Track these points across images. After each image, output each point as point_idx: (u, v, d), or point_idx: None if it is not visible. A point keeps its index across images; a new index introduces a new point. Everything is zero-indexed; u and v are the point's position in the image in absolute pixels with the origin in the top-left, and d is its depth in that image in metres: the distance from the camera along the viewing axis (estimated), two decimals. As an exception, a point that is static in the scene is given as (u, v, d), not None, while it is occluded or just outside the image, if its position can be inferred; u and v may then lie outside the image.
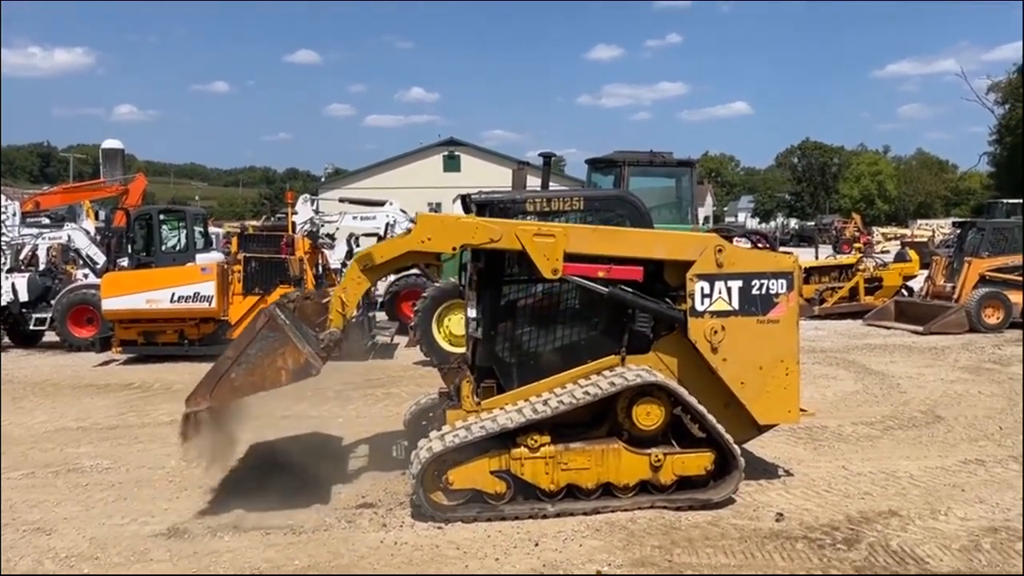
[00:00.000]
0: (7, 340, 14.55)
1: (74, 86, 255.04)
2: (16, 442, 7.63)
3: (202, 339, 12.47)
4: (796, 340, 5.88)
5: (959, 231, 17.71)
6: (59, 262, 17.67)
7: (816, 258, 22.07)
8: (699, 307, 5.70)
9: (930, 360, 11.67)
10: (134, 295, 12.14)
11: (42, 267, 16.52)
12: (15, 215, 17.41)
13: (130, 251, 15.33)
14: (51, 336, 14.25)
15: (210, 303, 12.22)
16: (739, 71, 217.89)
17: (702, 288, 5.70)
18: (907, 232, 50.92)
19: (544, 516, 5.32)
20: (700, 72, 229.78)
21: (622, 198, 6.36)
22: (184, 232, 16.24)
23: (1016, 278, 14.75)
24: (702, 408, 5.52)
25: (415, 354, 11.89)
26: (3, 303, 14.12)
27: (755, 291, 5.75)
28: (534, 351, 5.90)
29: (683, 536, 5.05)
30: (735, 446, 5.52)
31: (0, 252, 15.22)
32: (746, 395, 5.78)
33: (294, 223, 16.25)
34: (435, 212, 14.89)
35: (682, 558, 4.74)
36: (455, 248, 5.67)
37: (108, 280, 12.63)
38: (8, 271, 14.84)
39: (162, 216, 16.31)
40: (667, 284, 5.86)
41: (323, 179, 66.27)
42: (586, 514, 5.35)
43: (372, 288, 13.25)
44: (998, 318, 14.43)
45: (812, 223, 59.40)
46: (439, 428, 5.61)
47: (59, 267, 17.03)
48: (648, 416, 5.52)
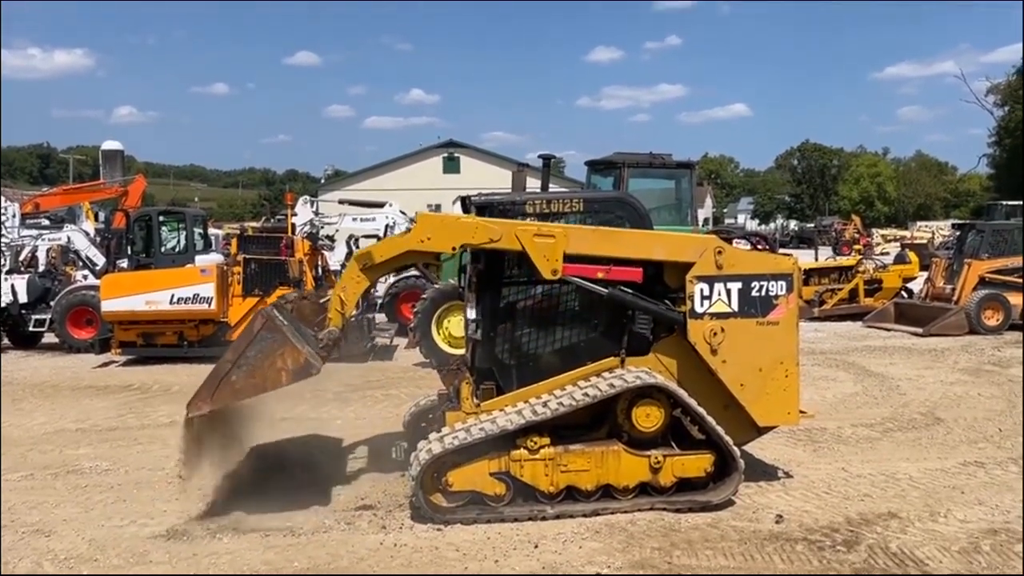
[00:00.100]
0: (7, 341, 14.55)
1: (74, 87, 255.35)
2: (15, 444, 7.62)
3: (201, 341, 12.47)
4: (796, 342, 5.88)
5: (958, 233, 17.73)
6: (59, 263, 17.64)
7: (816, 260, 22.08)
8: (699, 309, 5.70)
9: (930, 362, 11.67)
10: (133, 296, 12.14)
11: (42, 268, 16.50)
12: (15, 216, 17.47)
13: (129, 252, 15.33)
14: (50, 337, 14.23)
15: (209, 305, 12.22)
16: (738, 73, 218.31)
17: (702, 290, 5.70)
18: (907, 234, 50.99)
19: (543, 518, 5.32)
20: (699, 74, 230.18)
21: (622, 200, 6.35)
22: (184, 233, 16.28)
23: (1015, 280, 14.76)
24: (702, 410, 5.52)
25: (414, 356, 11.89)
26: (3, 304, 14.09)
27: (755, 293, 5.75)
28: (534, 353, 5.89)
29: (683, 538, 5.04)
30: (735, 448, 5.52)
31: (0, 253, 15.23)
32: (746, 397, 5.77)
33: (294, 225, 16.27)
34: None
35: (682, 560, 4.74)
36: (455, 248, 5.66)
37: (107, 281, 12.61)
38: (8, 272, 14.83)
39: (161, 217, 16.35)
40: (667, 286, 5.86)
41: (323, 181, 66.32)
42: (586, 516, 5.35)
43: (372, 289, 13.36)
44: (998, 320, 14.44)
45: (812, 225, 59.57)
46: (438, 430, 5.60)
47: (59, 268, 17.01)
48: (648, 418, 5.52)
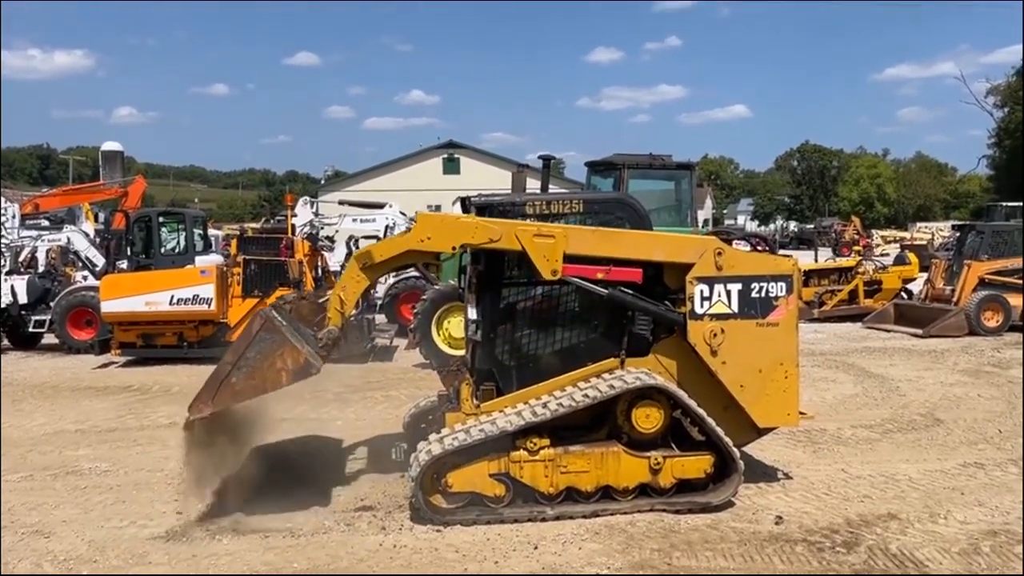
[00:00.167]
0: (6, 342, 14.55)
1: (74, 88, 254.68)
2: (15, 444, 7.62)
3: (201, 341, 12.47)
4: (795, 343, 5.88)
5: (958, 234, 17.73)
6: (58, 264, 17.65)
7: (815, 261, 22.09)
8: (698, 310, 5.70)
9: (929, 363, 11.67)
10: (133, 297, 12.14)
11: (41, 269, 16.51)
12: (14, 217, 17.43)
13: (129, 253, 15.33)
14: (50, 338, 14.22)
15: (209, 305, 12.22)
16: (738, 74, 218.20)
17: (701, 291, 5.70)
18: (906, 235, 50.97)
19: (543, 519, 5.32)
20: (699, 75, 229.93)
21: (621, 201, 6.35)
22: (183, 234, 16.28)
23: (1015, 281, 14.75)
24: (701, 411, 5.52)
25: (414, 356, 11.88)
26: (2, 305, 14.09)
27: (754, 294, 5.75)
28: (533, 354, 5.89)
29: (682, 539, 5.04)
30: (734, 449, 5.52)
31: (0, 254, 15.22)
32: (745, 398, 5.77)
33: (293, 225, 16.27)
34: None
35: (681, 561, 4.74)
36: (454, 247, 5.65)
37: (107, 282, 12.61)
38: (7, 273, 14.82)
39: (161, 218, 16.36)
40: (666, 287, 5.86)
41: (323, 181, 66.34)
42: (585, 517, 5.35)
43: (372, 290, 13.35)
44: (997, 321, 14.43)
45: (811, 226, 59.54)
46: (438, 431, 5.61)
47: (58, 269, 17.02)
48: (647, 419, 5.52)
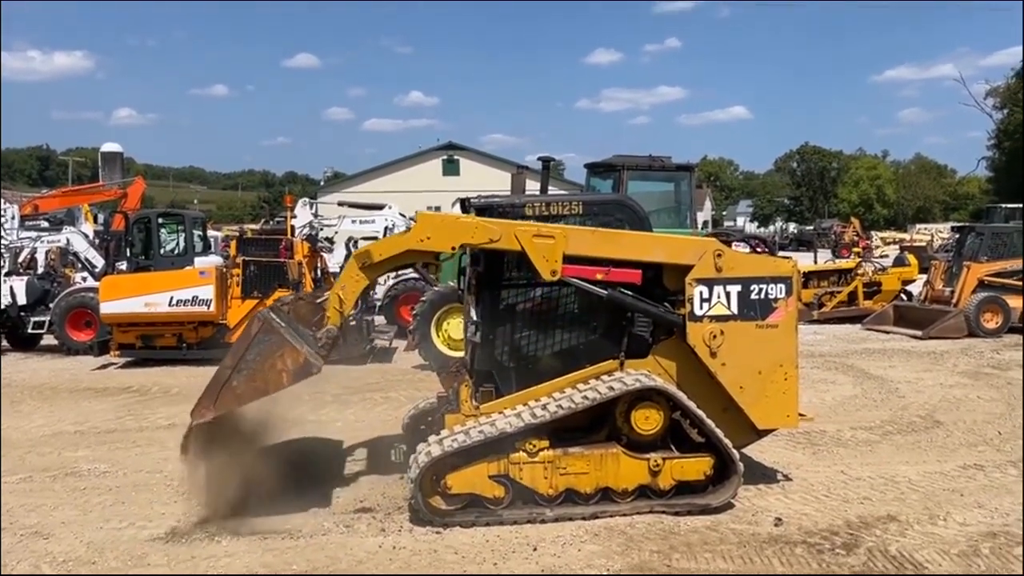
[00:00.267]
0: (5, 343, 14.53)
1: (73, 89, 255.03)
2: (14, 446, 7.61)
3: (200, 343, 12.45)
4: (795, 345, 5.88)
5: (958, 236, 17.74)
6: (58, 265, 17.62)
7: (815, 262, 22.11)
8: (698, 311, 5.69)
9: (929, 365, 11.67)
10: (132, 299, 12.12)
11: (41, 270, 16.50)
12: (14, 218, 17.45)
13: (129, 255, 15.35)
14: (49, 339, 14.21)
15: (208, 307, 12.20)
16: (738, 75, 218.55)
17: (701, 292, 5.70)
18: (906, 236, 51.00)
19: (543, 521, 5.31)
20: (699, 76, 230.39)
21: (621, 202, 6.35)
22: (183, 236, 16.30)
23: (1015, 283, 14.75)
24: (701, 413, 5.52)
25: (414, 358, 11.88)
26: (2, 306, 14.08)
27: (754, 296, 5.74)
28: (533, 355, 5.89)
29: (682, 541, 5.04)
30: (734, 451, 5.51)
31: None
32: (745, 400, 5.77)
33: (293, 227, 16.26)
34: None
35: (681, 563, 4.74)
36: (454, 247, 5.64)
37: (106, 283, 12.60)
38: (7, 274, 14.82)
39: (161, 219, 16.37)
40: (666, 288, 5.85)
41: (322, 183, 66.44)
42: (585, 519, 5.34)
43: (371, 291, 13.33)
44: (997, 323, 14.43)
45: (811, 227, 59.57)
46: (438, 432, 5.60)
47: (58, 270, 16.98)
48: (647, 421, 5.51)
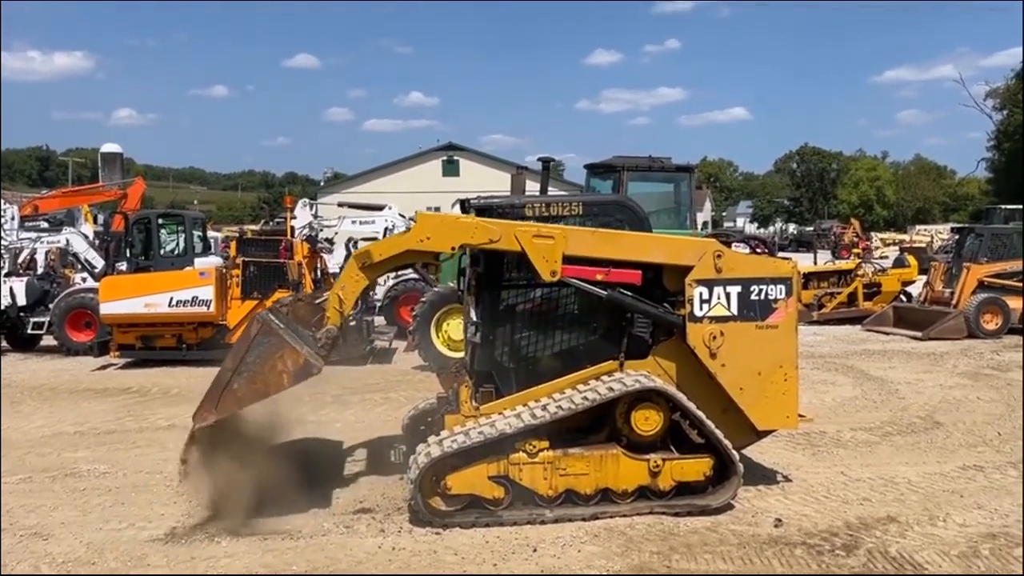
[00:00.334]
0: (5, 344, 14.52)
1: (73, 90, 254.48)
2: (14, 446, 7.60)
3: (200, 343, 12.44)
4: (795, 346, 5.88)
5: (957, 237, 17.74)
6: (57, 266, 17.62)
7: (815, 264, 22.13)
8: (698, 312, 5.69)
9: (929, 366, 11.67)
10: (132, 299, 12.11)
11: (40, 271, 16.49)
12: (13, 219, 17.42)
13: (128, 255, 15.35)
14: (49, 340, 14.20)
15: (208, 307, 12.20)
16: (738, 76, 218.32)
17: (701, 293, 5.70)
18: (906, 238, 51.00)
19: (542, 522, 5.31)
20: (699, 77, 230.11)
21: (621, 203, 6.35)
22: (183, 236, 16.30)
23: (1015, 284, 14.76)
24: (701, 414, 5.52)
25: (413, 359, 11.87)
26: (1, 307, 14.07)
27: (754, 296, 5.74)
28: (533, 356, 5.89)
29: (681, 542, 5.04)
30: (734, 452, 5.51)
31: (-1, 256, 15.22)
32: (745, 401, 5.77)
33: (293, 227, 16.25)
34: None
35: (680, 564, 4.74)
36: (454, 248, 5.64)
37: (106, 284, 12.60)
38: (6, 275, 14.81)
39: (161, 220, 16.39)
40: (666, 289, 5.85)
41: (322, 183, 66.41)
42: (584, 520, 5.34)
43: (371, 292, 13.33)
44: (996, 324, 14.43)
45: (811, 228, 59.59)
46: (437, 433, 5.60)
47: (57, 271, 16.99)
48: (647, 421, 5.51)
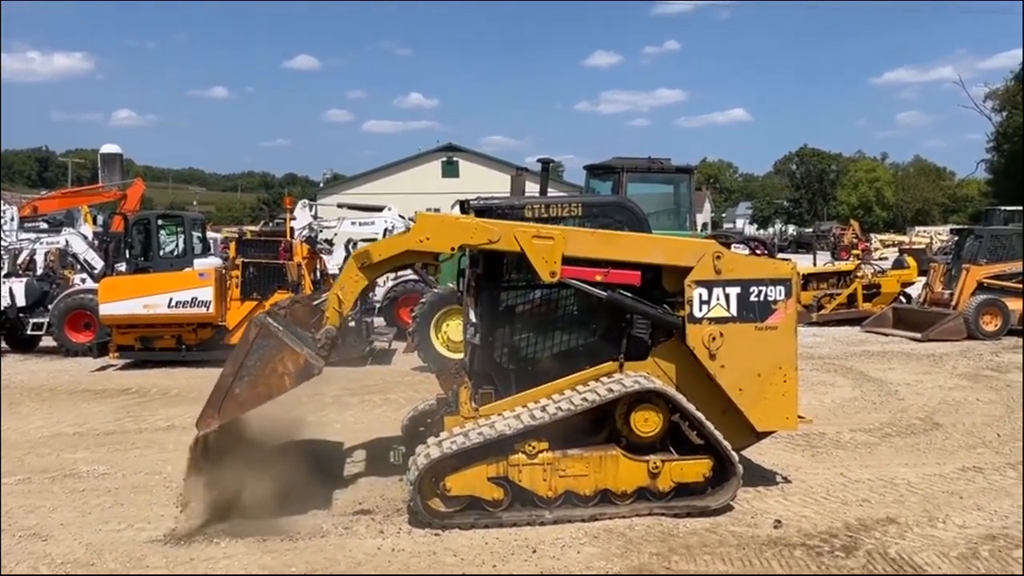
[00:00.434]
0: (4, 345, 14.51)
1: (73, 91, 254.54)
2: (13, 447, 7.60)
3: (199, 344, 12.44)
4: (794, 347, 5.88)
5: (957, 238, 17.74)
6: (57, 267, 17.60)
7: (814, 265, 22.14)
8: (697, 313, 5.69)
9: (928, 367, 11.67)
10: (132, 300, 12.10)
11: (40, 272, 16.48)
12: (13, 220, 17.42)
13: (128, 256, 15.34)
14: (48, 341, 14.20)
15: (208, 308, 12.19)
16: (737, 78, 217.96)
17: (700, 294, 5.70)
18: (905, 239, 51.01)
19: (542, 523, 5.31)
20: (698, 79, 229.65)
21: (620, 204, 6.35)
22: (182, 237, 16.29)
23: (1014, 285, 14.76)
24: (700, 415, 5.52)
25: (413, 360, 11.87)
26: (1, 308, 14.07)
27: (753, 298, 5.75)
28: (532, 357, 5.89)
29: (681, 543, 5.04)
30: (733, 453, 5.51)
31: (-2, 257, 15.21)
32: (744, 402, 5.77)
33: (292, 228, 16.26)
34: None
35: (680, 565, 4.74)
36: (453, 248, 5.64)
37: (106, 285, 12.59)
38: (6, 276, 14.80)
39: (160, 221, 16.37)
40: (665, 290, 5.85)
41: (321, 185, 66.40)
42: (584, 521, 5.34)
43: (371, 292, 13.33)
44: (996, 325, 14.42)
45: (810, 230, 59.58)
46: (437, 434, 5.60)
47: (57, 272, 16.97)
48: (646, 423, 5.51)
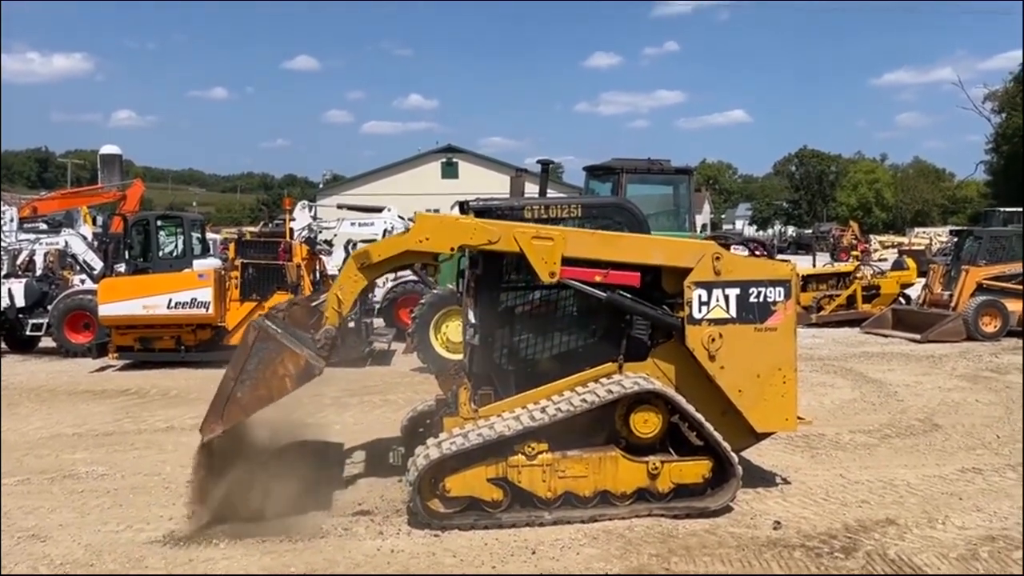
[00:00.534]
0: (4, 346, 14.50)
1: (73, 91, 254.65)
2: (12, 448, 7.60)
3: (199, 345, 12.43)
4: (794, 348, 5.88)
5: (956, 239, 17.76)
6: (56, 268, 17.61)
7: (814, 266, 22.14)
8: (696, 315, 5.69)
9: (927, 368, 11.67)
10: (131, 301, 12.09)
11: (39, 273, 16.48)
12: (12, 220, 17.44)
13: (127, 257, 15.34)
14: (48, 342, 14.18)
15: (207, 309, 12.18)
16: (737, 79, 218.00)
17: (700, 295, 5.70)
18: (904, 240, 51.01)
19: (541, 524, 5.31)
20: (698, 80, 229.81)
21: (620, 205, 6.35)
22: (181, 238, 16.29)
23: (1014, 286, 14.77)
24: (700, 416, 5.51)
25: (412, 361, 11.87)
26: (0, 308, 14.07)
27: (752, 299, 5.75)
28: (532, 358, 5.89)
29: (680, 544, 5.04)
30: (733, 454, 5.51)
31: (-2, 258, 15.22)
32: (744, 403, 5.77)
33: (292, 229, 16.25)
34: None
35: (679, 566, 4.73)
36: (453, 248, 5.64)
37: (105, 286, 12.59)
38: (5, 276, 14.81)
39: (159, 222, 16.37)
40: (664, 291, 5.86)
41: (321, 185, 66.46)
42: (583, 522, 5.34)
43: (370, 293, 13.32)
44: (995, 326, 14.43)
45: (810, 231, 59.58)
46: (436, 435, 5.60)
47: (56, 273, 16.98)
48: (646, 424, 5.51)
